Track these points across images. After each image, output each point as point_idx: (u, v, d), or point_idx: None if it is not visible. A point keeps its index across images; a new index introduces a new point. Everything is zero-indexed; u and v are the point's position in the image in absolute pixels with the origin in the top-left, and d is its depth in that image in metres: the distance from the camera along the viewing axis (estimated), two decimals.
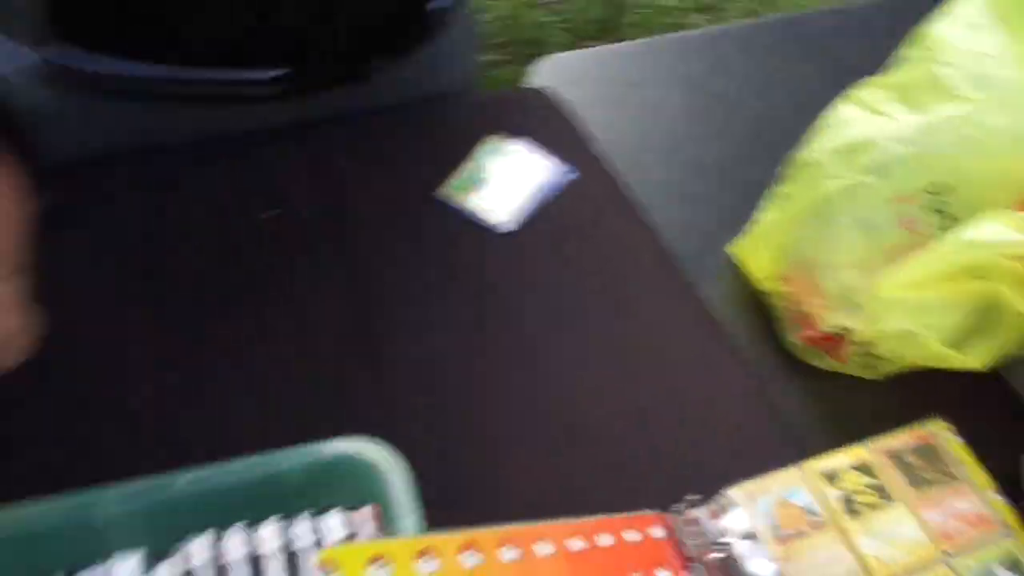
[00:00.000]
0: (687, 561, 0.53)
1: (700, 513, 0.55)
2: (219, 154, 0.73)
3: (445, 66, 0.82)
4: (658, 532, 0.53)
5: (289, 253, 0.69)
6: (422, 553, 0.39)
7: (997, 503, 0.62)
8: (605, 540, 0.49)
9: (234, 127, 0.72)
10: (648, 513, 0.54)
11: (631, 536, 0.51)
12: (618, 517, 0.51)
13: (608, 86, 0.96)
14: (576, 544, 0.47)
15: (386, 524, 0.41)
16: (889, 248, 0.68)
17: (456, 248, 0.71)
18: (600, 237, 0.76)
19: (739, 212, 0.81)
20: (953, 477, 0.62)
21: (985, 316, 0.66)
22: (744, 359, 0.71)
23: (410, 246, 0.71)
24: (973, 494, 0.61)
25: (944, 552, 0.57)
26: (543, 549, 0.44)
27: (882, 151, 0.69)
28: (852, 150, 0.71)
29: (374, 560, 0.37)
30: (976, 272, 0.64)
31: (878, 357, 0.67)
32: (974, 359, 0.65)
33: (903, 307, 0.64)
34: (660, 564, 0.51)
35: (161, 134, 0.70)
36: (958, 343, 0.66)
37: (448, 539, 0.40)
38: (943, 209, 0.68)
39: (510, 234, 0.73)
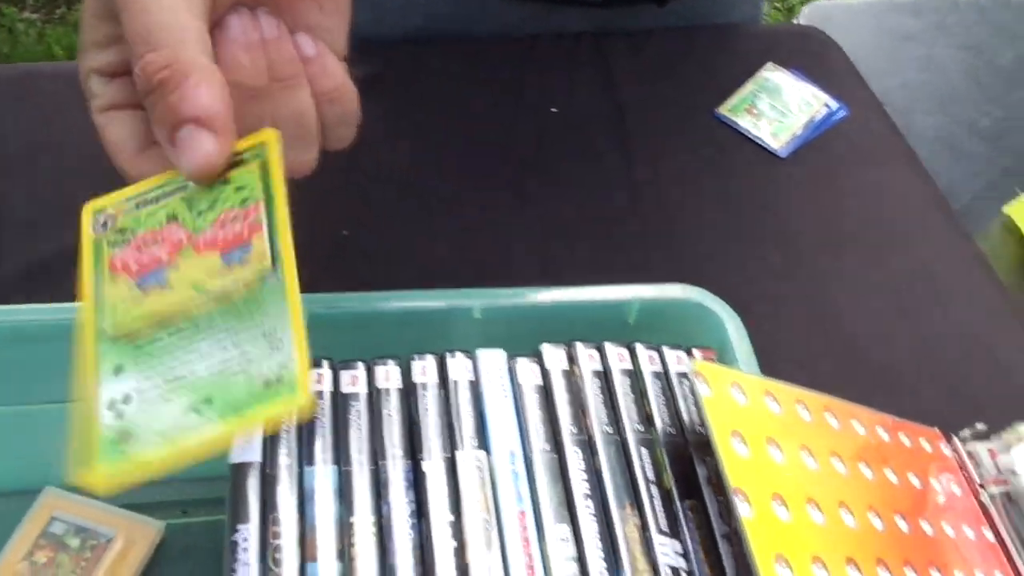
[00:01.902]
0: (970, 484, 0.52)
1: (987, 444, 0.54)
2: (516, 50, 0.77)
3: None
4: (944, 449, 0.52)
5: (569, 151, 0.72)
6: (767, 392, 0.40)
7: None
8: (883, 435, 0.49)
9: (530, 27, 0.76)
10: (933, 430, 0.53)
11: (906, 440, 0.51)
12: (899, 420, 0.51)
13: (879, 36, 0.94)
14: (858, 428, 0.47)
15: None
16: None
17: (732, 163, 0.72)
18: (873, 175, 0.75)
19: (1011, 176, 0.78)
20: None
21: None
22: (1020, 308, 0.68)
23: (688, 156, 0.72)
24: None
25: None
26: (831, 420, 0.45)
27: None
28: None
29: (733, 384, 0.38)
30: None
31: None
32: None
33: None
34: (941, 475, 0.50)
35: (469, 23, 0.75)
36: None
37: (787, 389, 0.41)
38: None
39: (785, 158, 0.73)
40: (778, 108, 0.76)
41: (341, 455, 0.37)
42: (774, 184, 0.72)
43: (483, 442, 0.38)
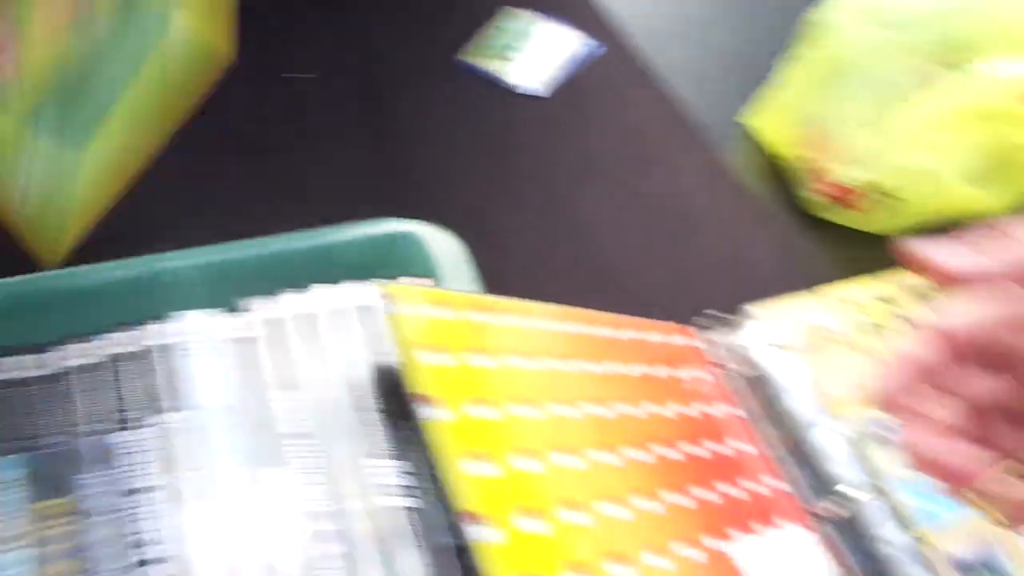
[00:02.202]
0: (709, 368, 0.55)
1: (723, 328, 0.58)
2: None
3: None
4: (680, 340, 0.55)
5: (321, 113, 0.71)
6: (475, 306, 0.41)
7: None
8: (630, 334, 0.51)
9: None
10: (672, 324, 0.56)
11: (654, 337, 0.53)
12: (643, 319, 0.53)
13: None
14: (602, 331, 0.49)
15: None
16: (906, 105, 0.70)
17: (484, 110, 0.73)
18: (625, 106, 0.78)
19: (755, 93, 0.83)
20: None
21: (1003, 158, 0.68)
22: (762, 213, 0.73)
23: (439, 108, 0.73)
24: None
25: None
26: (576, 328, 0.46)
27: (901, 7, 0.71)
28: (870, 8, 0.72)
29: (435, 302, 0.39)
30: (990, 113, 0.65)
31: (897, 200, 0.69)
32: (995, 198, 0.67)
33: (923, 146, 0.65)
34: (683, 365, 0.53)
35: None
36: (977, 185, 0.68)
37: (504, 302, 0.42)
38: (961, 64, 0.69)
39: (538, 99, 0.75)
40: (524, 49, 0.77)
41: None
42: (529, 124, 0.74)
43: (188, 401, 0.37)
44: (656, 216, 0.70)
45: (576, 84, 0.78)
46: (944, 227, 0.73)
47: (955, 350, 0.27)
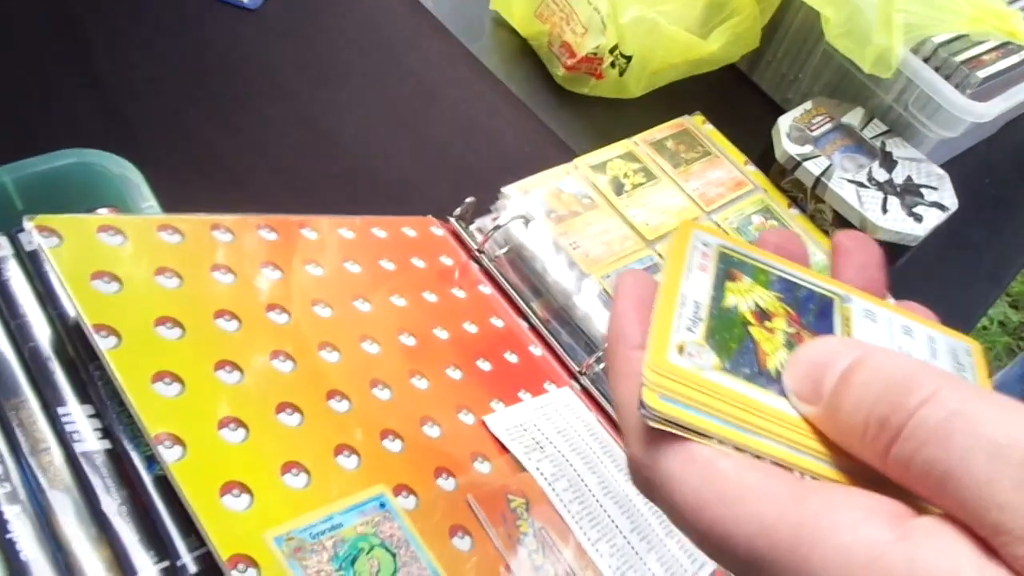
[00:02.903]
0: (469, 252, 0.55)
1: (481, 212, 0.58)
2: None
3: None
4: (438, 231, 0.55)
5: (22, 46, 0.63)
6: (163, 227, 0.38)
7: (751, 171, 0.68)
8: (379, 233, 0.50)
9: None
10: (427, 217, 0.56)
11: (409, 231, 0.52)
12: (393, 217, 0.52)
13: None
14: (346, 233, 0.47)
15: None
16: None
17: (203, 28, 0.68)
18: (357, 7, 0.75)
19: None
20: (710, 154, 0.67)
21: (719, 7, 0.71)
22: (516, 98, 0.73)
23: (150, 28, 0.67)
24: (729, 165, 0.67)
25: (707, 212, 0.63)
26: (308, 234, 0.45)
27: None
28: None
29: (104, 228, 0.36)
30: None
31: (631, 60, 0.70)
32: (714, 45, 0.70)
33: (646, 2, 0.67)
34: (441, 253, 0.53)
35: None
36: (698, 33, 0.70)
37: (196, 219, 0.40)
38: None
39: (258, 11, 0.70)
40: None
41: None
42: (252, 39, 0.69)
43: None
44: (407, 114, 0.68)
45: None
46: (676, 80, 0.76)
47: None
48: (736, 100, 0.80)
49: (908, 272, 0.68)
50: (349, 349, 0.40)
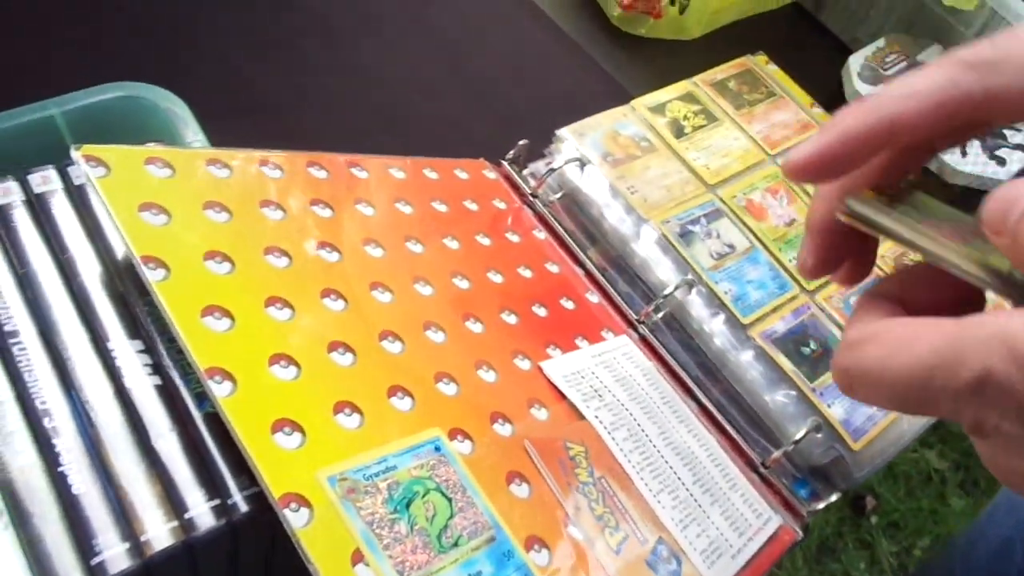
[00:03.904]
0: (522, 196, 0.53)
1: (535, 155, 0.56)
2: None
3: None
4: (490, 174, 0.53)
5: None
6: (212, 161, 0.37)
7: (817, 113, 0.64)
8: (431, 174, 0.48)
9: None
10: (479, 160, 0.54)
11: (461, 174, 0.51)
12: (445, 159, 0.51)
13: None
14: (397, 173, 0.46)
15: None
16: None
17: None
18: None
19: None
20: (775, 95, 0.64)
21: None
22: (569, 37, 0.70)
23: None
24: (795, 107, 0.64)
25: (771, 155, 0.60)
26: (358, 173, 0.43)
27: None
28: None
29: (152, 160, 0.34)
30: None
31: (688, 2, 0.67)
32: None
33: None
34: (494, 196, 0.51)
35: None
36: None
37: (245, 153, 0.38)
38: None
39: None
40: None
41: None
42: None
43: None
44: (457, 57, 0.66)
45: None
46: (738, 19, 0.72)
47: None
48: (802, 41, 0.76)
49: None
50: (401, 290, 0.38)
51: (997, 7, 0.63)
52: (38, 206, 0.35)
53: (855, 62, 0.64)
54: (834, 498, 0.47)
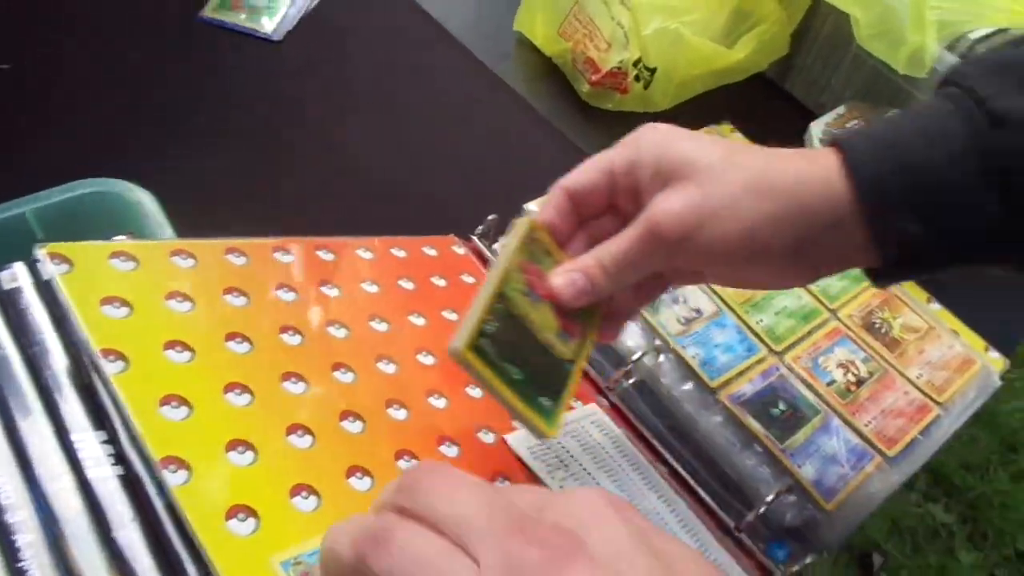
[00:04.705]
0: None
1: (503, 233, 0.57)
2: None
3: None
4: (459, 250, 0.54)
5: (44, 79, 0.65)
6: (176, 252, 0.38)
7: None
8: (399, 253, 0.50)
9: None
10: (447, 236, 0.55)
11: (429, 251, 0.52)
12: (413, 237, 0.52)
13: None
14: (364, 254, 0.47)
15: None
16: None
17: (228, 62, 0.69)
18: (380, 33, 0.75)
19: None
20: None
21: (742, 12, 0.69)
22: (540, 114, 0.72)
23: (175, 61, 0.68)
24: None
25: None
26: (324, 255, 0.45)
27: None
28: None
29: (117, 255, 0.36)
30: None
31: (656, 72, 0.69)
32: (740, 53, 0.69)
33: (664, 11, 0.66)
34: (463, 271, 0.52)
35: None
36: (724, 43, 0.69)
37: (209, 243, 0.40)
38: None
39: (281, 42, 0.72)
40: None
41: None
42: (275, 69, 0.70)
43: None
44: (433, 137, 0.68)
45: (319, 20, 0.74)
46: (704, 91, 0.75)
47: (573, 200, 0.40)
48: (766, 109, 0.78)
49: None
50: (364, 369, 0.39)
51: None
52: (7, 301, 0.36)
53: (816, 128, 0.66)
54: (810, 559, 0.47)
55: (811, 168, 0.36)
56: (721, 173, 0.36)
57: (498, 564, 0.21)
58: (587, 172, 0.39)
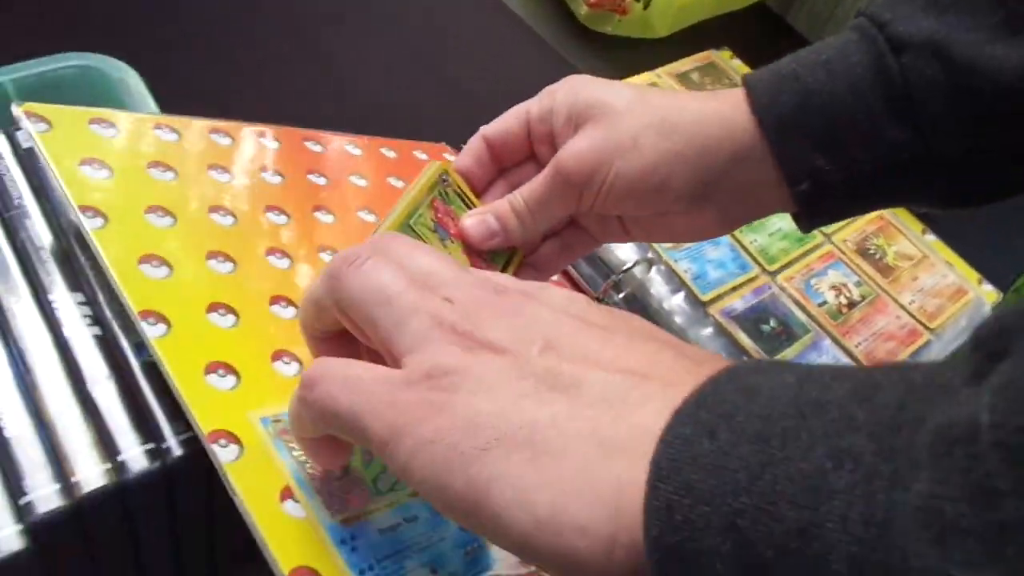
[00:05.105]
0: None
1: None
2: None
3: None
4: (450, 157, 0.53)
5: None
6: (159, 125, 0.37)
7: None
8: (388, 153, 0.49)
9: None
10: (439, 144, 0.54)
11: (420, 155, 0.51)
12: (404, 140, 0.51)
13: None
14: (353, 150, 0.46)
15: None
16: None
17: None
18: None
19: None
20: (737, 87, 0.65)
21: None
22: (536, 35, 0.71)
23: None
24: None
25: None
26: (312, 146, 0.44)
27: None
28: None
29: (97, 120, 0.35)
30: None
31: None
32: None
33: None
34: None
35: None
36: None
37: (192, 120, 0.39)
38: None
39: None
40: None
41: None
42: None
43: None
44: (424, 54, 0.67)
45: None
46: (705, 19, 0.73)
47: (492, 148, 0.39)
48: (768, 42, 0.77)
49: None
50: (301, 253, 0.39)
51: None
52: None
53: None
54: None
55: (716, 106, 0.35)
56: (626, 113, 0.35)
57: (467, 300, 0.23)
58: (505, 120, 0.39)
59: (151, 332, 0.29)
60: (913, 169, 0.34)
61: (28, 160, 0.36)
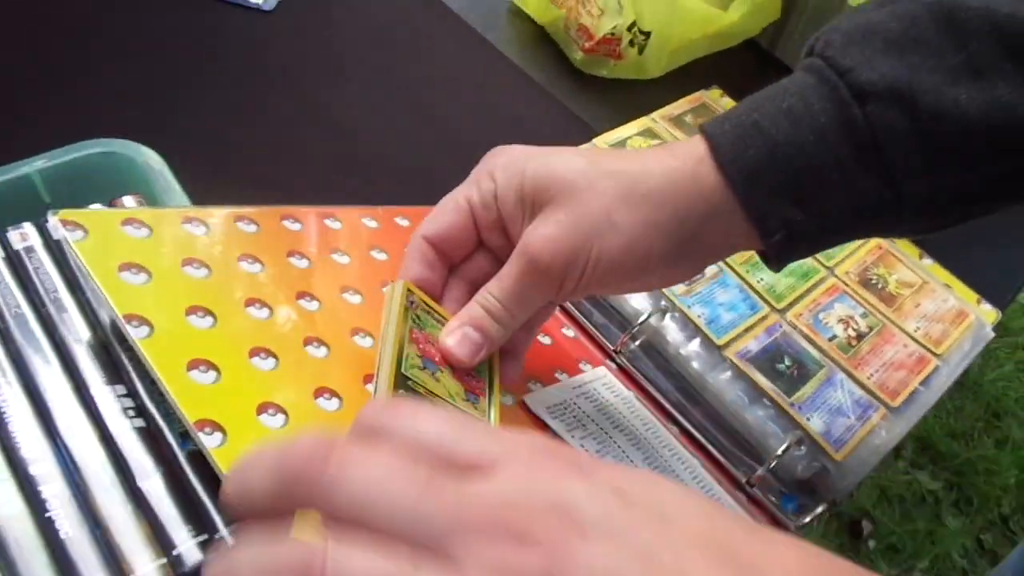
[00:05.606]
0: None
1: None
2: None
3: None
4: None
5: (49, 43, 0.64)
6: (189, 220, 0.38)
7: None
8: (402, 222, 0.49)
9: None
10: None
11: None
12: (416, 207, 0.52)
13: None
14: (370, 223, 0.47)
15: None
16: None
17: (219, 31, 0.68)
18: (370, 3, 0.75)
19: None
20: None
21: None
22: (534, 81, 0.72)
23: (168, 31, 0.67)
24: None
25: None
26: (331, 224, 0.44)
27: None
28: None
29: (129, 222, 0.35)
30: None
31: (650, 37, 0.69)
32: (734, 15, 0.69)
33: None
34: None
35: None
36: (717, 6, 0.69)
37: (218, 210, 0.39)
38: None
39: (272, 12, 0.71)
40: None
41: None
42: (266, 39, 0.69)
43: None
44: (426, 106, 0.68)
45: None
46: (697, 58, 0.75)
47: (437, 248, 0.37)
48: (759, 77, 0.77)
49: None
50: (343, 340, 0.39)
51: None
52: (17, 262, 0.35)
53: None
54: (820, 510, 0.48)
55: (679, 165, 0.34)
56: (589, 187, 0.34)
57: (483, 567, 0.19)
58: (444, 215, 0.37)
59: (210, 443, 0.29)
60: (884, 210, 0.34)
61: (59, 251, 0.37)
